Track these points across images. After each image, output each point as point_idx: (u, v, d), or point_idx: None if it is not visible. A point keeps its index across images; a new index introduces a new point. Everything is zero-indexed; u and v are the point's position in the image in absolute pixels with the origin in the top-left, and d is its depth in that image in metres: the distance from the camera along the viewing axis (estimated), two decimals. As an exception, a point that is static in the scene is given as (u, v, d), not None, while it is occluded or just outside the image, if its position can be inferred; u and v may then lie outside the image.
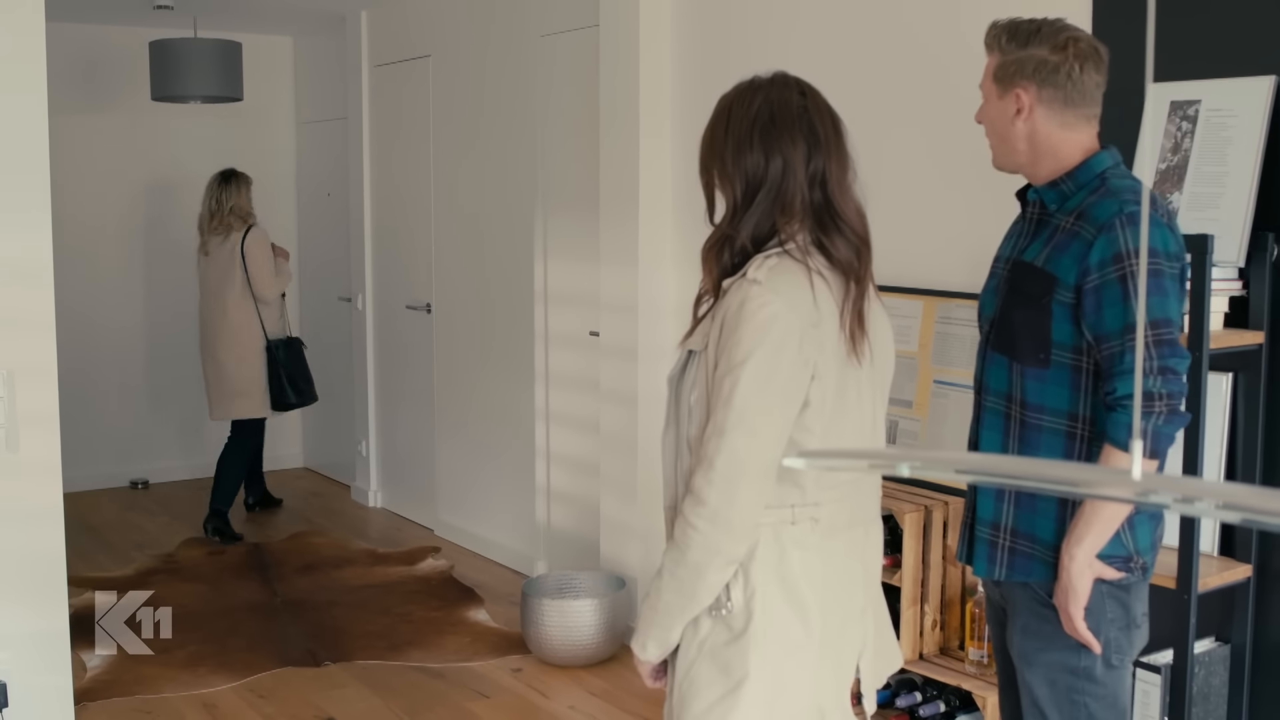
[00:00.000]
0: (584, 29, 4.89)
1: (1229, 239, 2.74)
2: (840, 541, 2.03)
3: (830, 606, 2.01)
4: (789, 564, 1.97)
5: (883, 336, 2.08)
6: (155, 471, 7.25)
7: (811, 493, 1.98)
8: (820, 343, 1.93)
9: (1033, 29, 2.24)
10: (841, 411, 1.98)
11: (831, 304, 1.96)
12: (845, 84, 3.82)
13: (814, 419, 1.94)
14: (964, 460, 1.29)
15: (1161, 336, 2.10)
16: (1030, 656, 2.28)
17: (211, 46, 5.92)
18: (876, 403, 2.08)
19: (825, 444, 1.95)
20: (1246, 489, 0.98)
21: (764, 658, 1.97)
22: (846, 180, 2.02)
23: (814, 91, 2.06)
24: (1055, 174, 2.26)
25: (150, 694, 4.20)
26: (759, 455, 1.90)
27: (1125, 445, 2.10)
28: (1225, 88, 2.83)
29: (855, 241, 2.00)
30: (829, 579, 2.01)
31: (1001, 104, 2.27)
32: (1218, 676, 2.82)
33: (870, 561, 2.13)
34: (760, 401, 1.89)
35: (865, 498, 2.10)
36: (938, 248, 3.56)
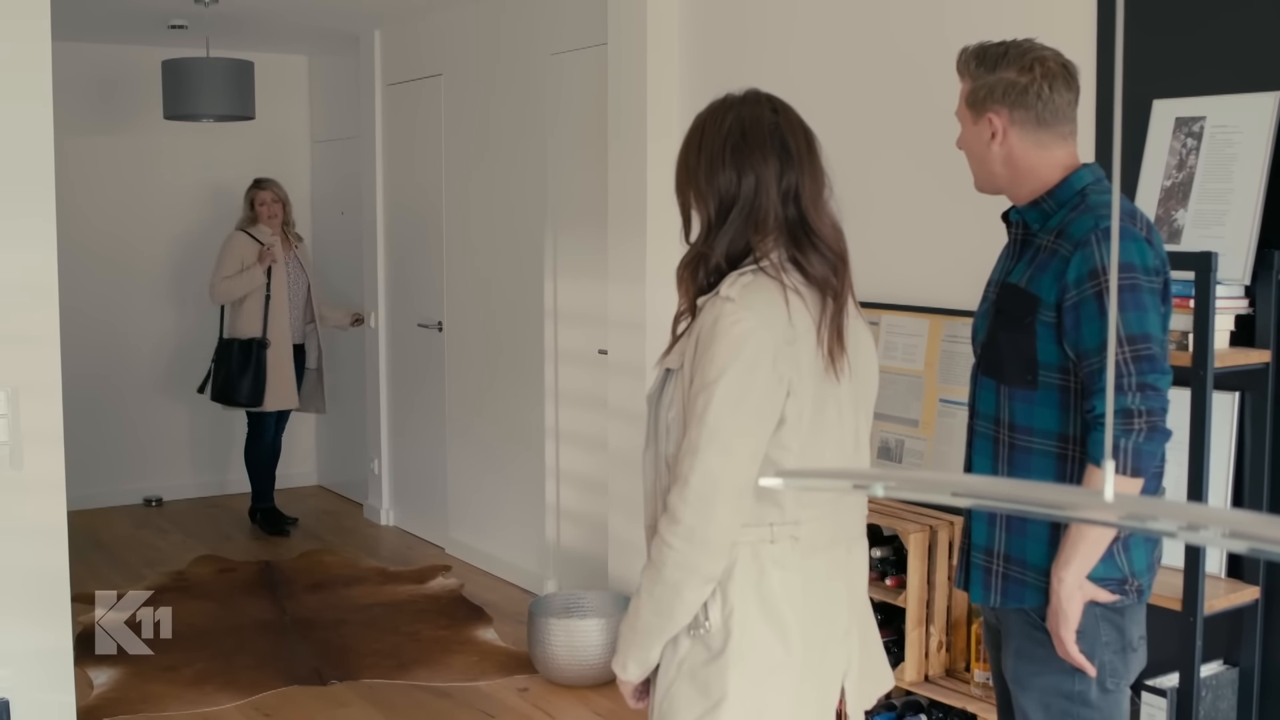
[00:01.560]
0: (593, 47, 4.89)
1: (1234, 256, 2.71)
2: (822, 560, 2.01)
3: (812, 626, 1.99)
4: (768, 583, 1.95)
5: (864, 353, 2.06)
6: (169, 489, 7.26)
7: (791, 511, 1.96)
8: (795, 360, 1.91)
9: (1000, 52, 2.23)
10: (820, 428, 1.96)
11: (808, 320, 1.94)
12: (850, 102, 3.81)
13: (791, 436, 1.93)
14: (940, 481, 1.26)
15: (1140, 352, 2.07)
16: (1024, 680, 2.25)
17: (224, 66, 5.95)
18: (859, 420, 2.06)
19: (803, 461, 1.93)
20: (1222, 512, 0.96)
21: (743, 677, 1.94)
22: (821, 196, 2.00)
23: (786, 108, 2.04)
24: (1036, 193, 2.24)
25: (156, 712, 4.20)
26: (733, 473, 1.89)
27: (1100, 463, 2.07)
28: (1230, 104, 2.80)
29: (831, 257, 1.98)
30: (810, 598, 1.99)
31: (976, 129, 2.26)
32: (1225, 700, 2.77)
33: (854, 580, 2.10)
34: (734, 419, 1.88)
35: (847, 516, 2.07)
36: (944, 266, 3.53)
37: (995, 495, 1.12)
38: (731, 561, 1.94)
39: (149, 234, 7.17)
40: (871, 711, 3.40)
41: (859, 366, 2.03)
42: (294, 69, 7.51)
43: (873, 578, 3.35)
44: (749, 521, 1.94)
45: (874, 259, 3.76)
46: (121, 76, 6.97)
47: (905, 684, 3.26)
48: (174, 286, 7.25)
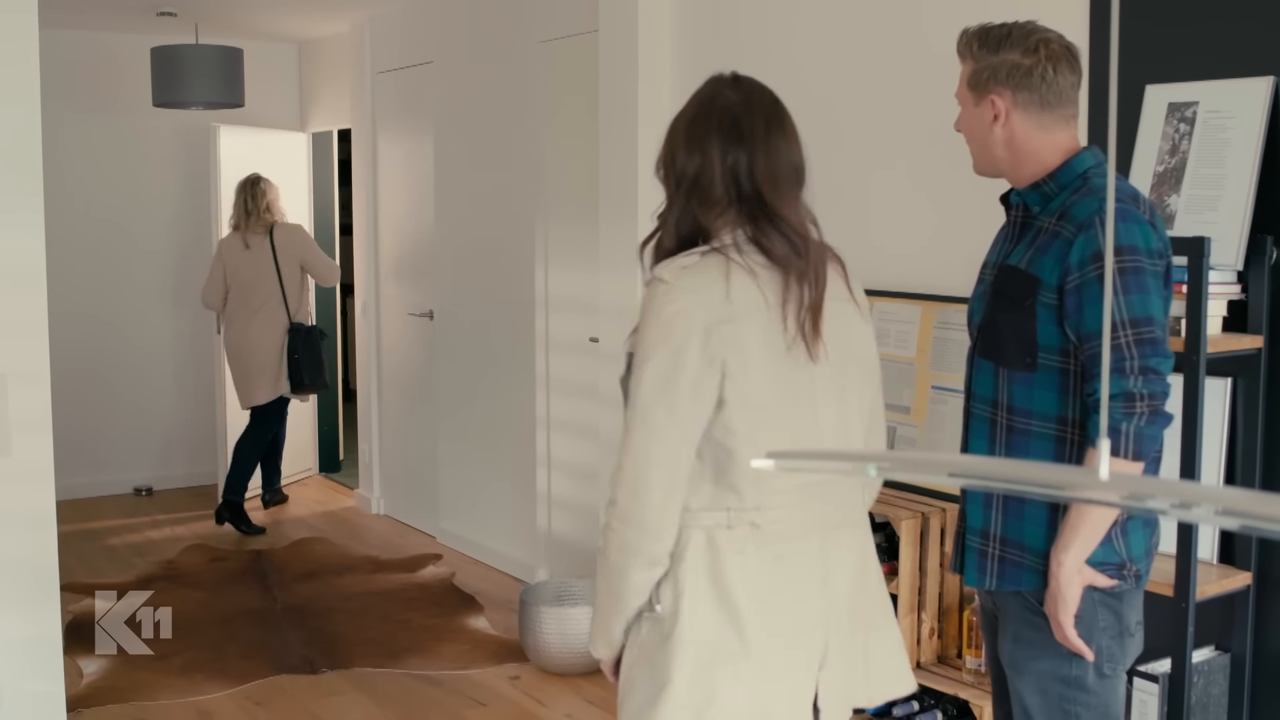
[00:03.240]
0: (584, 34, 4.87)
1: (1227, 242, 2.70)
2: (788, 549, 1.95)
3: (774, 617, 1.94)
4: (723, 569, 1.92)
5: (851, 337, 2.01)
6: (159, 478, 7.24)
7: (750, 497, 1.91)
8: (735, 340, 1.87)
9: (1003, 34, 2.21)
10: (781, 411, 1.92)
11: (757, 300, 1.90)
12: (844, 89, 3.80)
13: (735, 418, 1.89)
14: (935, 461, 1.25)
15: (1143, 335, 2.06)
16: (1021, 665, 2.25)
17: (212, 53, 5.92)
18: (845, 406, 2.00)
19: (757, 445, 1.89)
20: (1214, 489, 0.96)
21: (689, 662, 1.92)
22: (779, 176, 1.95)
23: (754, 90, 2.01)
24: (1037, 176, 2.23)
25: (146, 700, 4.18)
26: (662, 453, 1.87)
27: (1109, 446, 2.06)
28: (1223, 89, 2.79)
29: (794, 238, 1.94)
30: (772, 588, 1.94)
31: (978, 111, 2.25)
32: (1217, 686, 2.77)
33: (835, 573, 2.00)
34: (662, 400, 1.87)
35: (827, 505, 2.00)
36: (935, 252, 3.53)
37: (991, 475, 1.11)
38: (684, 544, 1.93)
39: (139, 221, 7.14)
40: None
41: (845, 350, 1.99)
42: (284, 56, 7.48)
43: (865, 564, 3.35)
44: (705, 505, 1.92)
45: (866, 245, 3.75)
46: (110, 64, 6.93)
47: (897, 671, 3.26)
48: (164, 274, 7.22)
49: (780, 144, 1.97)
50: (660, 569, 1.93)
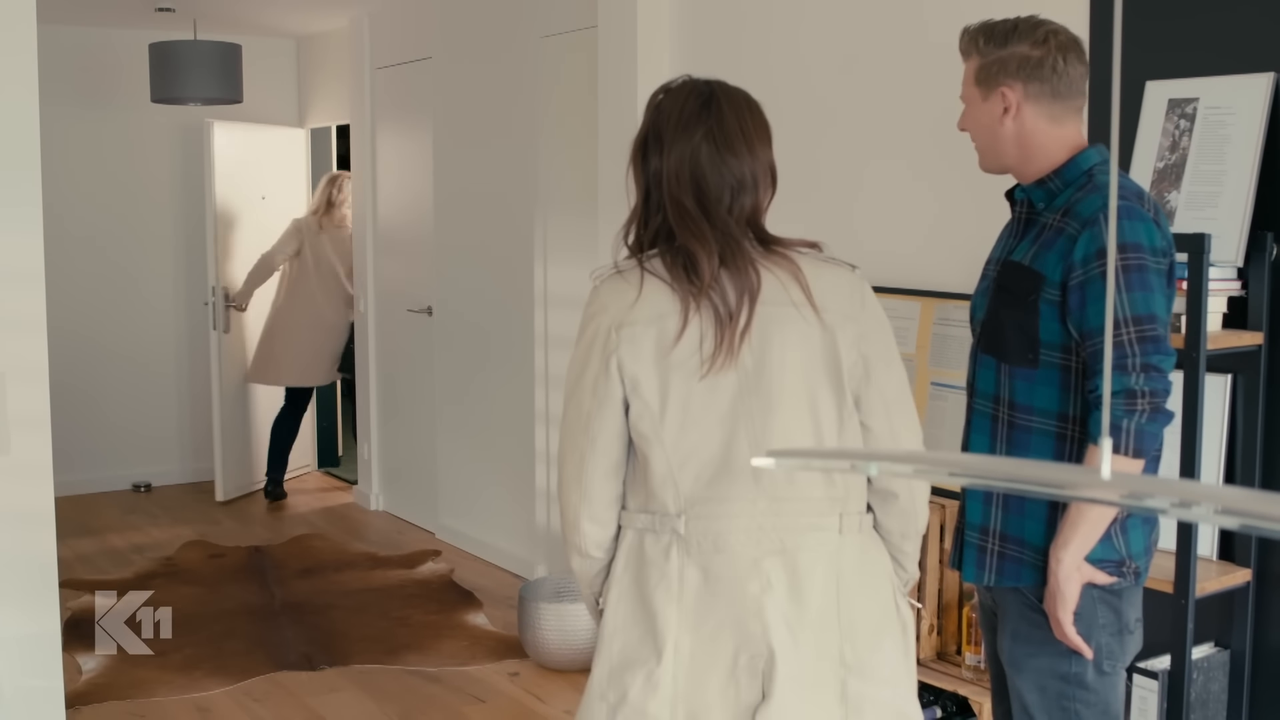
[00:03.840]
0: (583, 30, 4.87)
1: (1227, 238, 2.70)
2: (720, 565, 1.89)
3: (697, 633, 1.89)
4: (646, 574, 1.92)
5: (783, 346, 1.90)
6: (157, 475, 7.23)
7: (672, 504, 1.90)
8: (632, 344, 1.88)
9: (1009, 27, 2.21)
10: (692, 420, 1.88)
11: (668, 310, 1.88)
12: (844, 83, 3.79)
13: (644, 424, 1.89)
14: (936, 459, 1.25)
15: (1145, 333, 2.06)
16: (1020, 662, 2.24)
17: (211, 49, 5.91)
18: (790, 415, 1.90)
19: (667, 452, 1.89)
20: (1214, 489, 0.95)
21: (607, 660, 1.95)
22: (701, 186, 1.90)
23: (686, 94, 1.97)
24: (1043, 172, 2.23)
25: (145, 697, 4.18)
26: (571, 450, 1.95)
27: (1111, 444, 2.06)
28: (1224, 85, 2.79)
29: (709, 237, 1.88)
30: (695, 602, 1.89)
31: (987, 106, 2.23)
32: (1217, 683, 2.77)
33: (781, 598, 1.88)
34: (573, 396, 1.95)
35: (776, 522, 1.90)
36: (935, 248, 3.52)
37: (991, 474, 1.11)
38: (621, 542, 1.98)
39: (137, 217, 7.12)
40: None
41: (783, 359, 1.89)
42: (282, 52, 7.47)
43: (864, 561, 3.35)
44: (639, 507, 1.95)
45: (865, 242, 3.75)
46: (108, 60, 6.92)
47: (896, 667, 3.25)
48: (162, 270, 7.21)
49: (703, 150, 1.91)
50: (592, 561, 1.99)
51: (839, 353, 1.91)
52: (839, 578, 1.92)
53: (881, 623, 1.96)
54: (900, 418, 1.98)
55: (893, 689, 1.96)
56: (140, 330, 7.18)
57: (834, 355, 1.91)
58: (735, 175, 1.91)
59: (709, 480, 1.88)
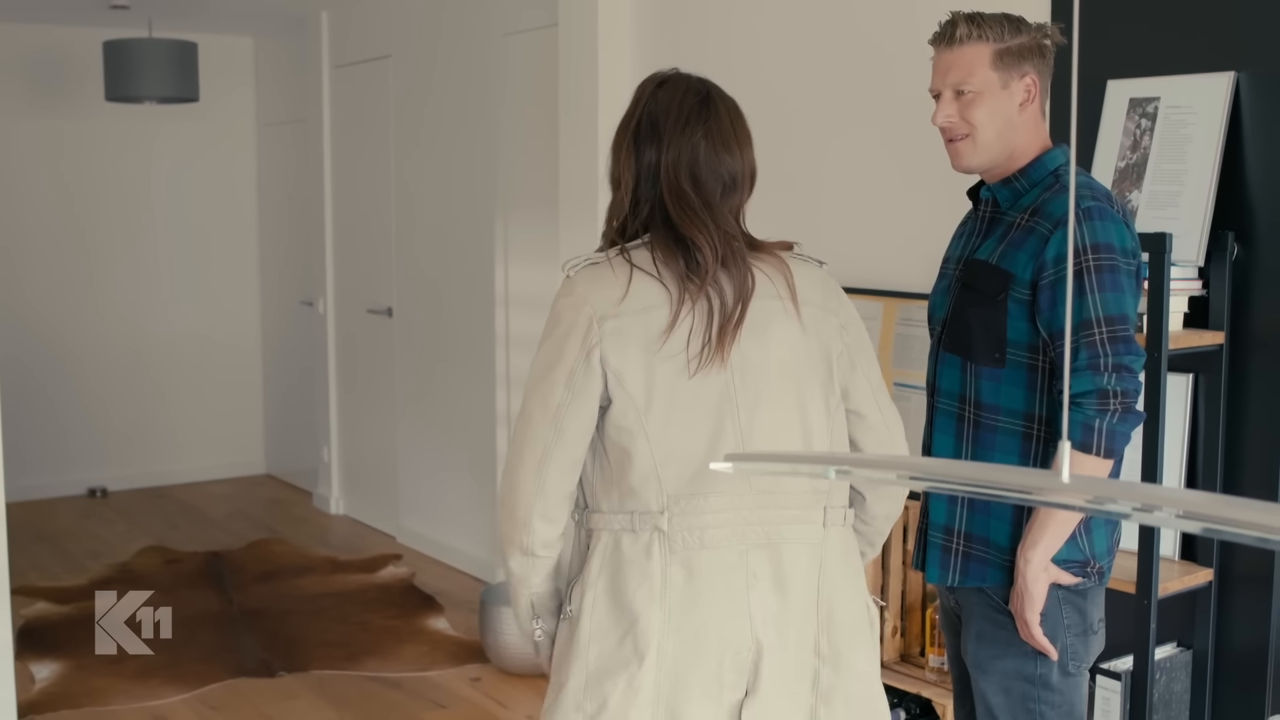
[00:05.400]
0: (544, 28, 4.83)
1: (1188, 238, 2.70)
2: (705, 561, 1.86)
3: (681, 633, 1.86)
4: (625, 577, 1.86)
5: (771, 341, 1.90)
6: (114, 479, 7.13)
7: (654, 500, 1.85)
8: (618, 337, 1.83)
9: (1011, 16, 2.18)
10: (679, 416, 1.85)
11: (657, 303, 1.85)
12: (804, 82, 3.77)
13: (628, 419, 1.84)
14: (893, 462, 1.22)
15: (1116, 333, 2.05)
16: (985, 664, 2.23)
17: (166, 47, 5.83)
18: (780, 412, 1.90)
19: (654, 447, 1.85)
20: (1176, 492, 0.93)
21: (583, 668, 1.87)
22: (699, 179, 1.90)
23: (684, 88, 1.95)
24: (1009, 171, 2.20)
25: (100, 706, 4.11)
26: (532, 443, 1.86)
27: (1077, 444, 2.04)
28: (1184, 84, 2.78)
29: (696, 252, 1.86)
30: (680, 601, 1.85)
31: (1006, 94, 2.17)
32: (1179, 683, 2.77)
33: (768, 592, 1.88)
34: (539, 389, 1.87)
35: (762, 516, 1.88)
36: (897, 248, 3.51)
37: (954, 478, 1.09)
38: (593, 546, 1.90)
39: (89, 217, 7.02)
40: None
41: (767, 357, 1.89)
42: (239, 50, 7.38)
43: (827, 563, 3.33)
44: (614, 508, 1.88)
45: (827, 241, 3.73)
46: (61, 58, 6.81)
47: (860, 670, 3.24)
48: (116, 271, 7.11)
49: (702, 146, 1.91)
50: (537, 561, 1.91)
51: (827, 345, 1.92)
52: (821, 570, 1.92)
53: (858, 617, 1.96)
54: (886, 403, 2.00)
55: (865, 683, 1.96)
56: (94, 332, 7.08)
57: (823, 348, 1.92)
58: (729, 174, 1.91)
59: (693, 476, 1.85)
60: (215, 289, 7.38)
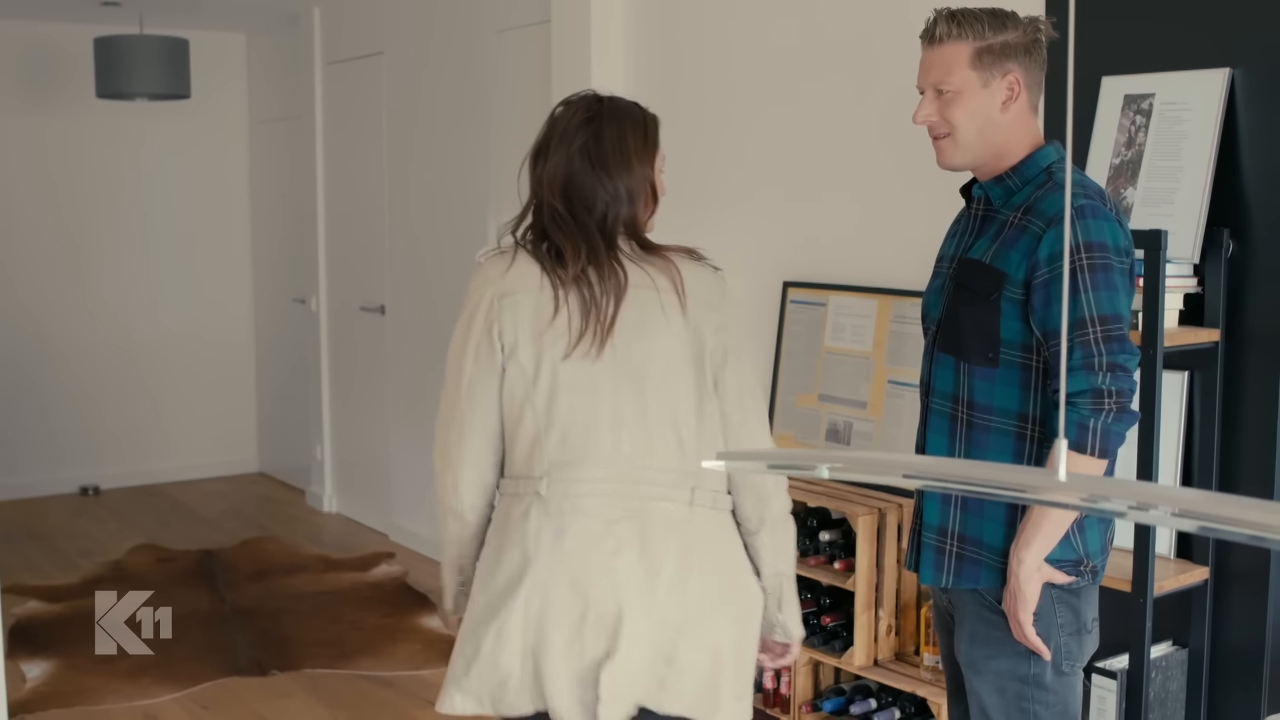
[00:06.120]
0: (536, 25, 4.81)
1: (1184, 235, 2.69)
2: (577, 526, 2.02)
3: (548, 591, 2.01)
4: (506, 537, 2.05)
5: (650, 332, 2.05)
6: (106, 476, 7.11)
7: (538, 467, 2.04)
8: (511, 312, 2.04)
9: (997, 11, 2.16)
10: (562, 391, 2.03)
11: (534, 285, 2.05)
12: (798, 82, 3.76)
13: (518, 389, 2.04)
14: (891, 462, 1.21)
15: (1111, 332, 2.03)
16: (978, 664, 2.21)
17: (158, 43, 5.81)
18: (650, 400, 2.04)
19: (538, 416, 2.03)
20: (1173, 491, 0.92)
21: (470, 617, 2.09)
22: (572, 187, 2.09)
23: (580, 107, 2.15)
24: (1001, 169, 2.18)
25: (91, 705, 4.09)
26: (449, 412, 2.09)
27: (1072, 444, 2.03)
28: (1179, 80, 2.77)
29: (577, 237, 2.05)
30: (551, 562, 2.01)
31: (987, 93, 2.14)
32: (1175, 681, 2.76)
33: (635, 561, 2.01)
34: (455, 361, 2.09)
35: (637, 489, 2.03)
36: (891, 246, 3.49)
37: (949, 476, 1.07)
38: (496, 507, 2.11)
39: (80, 214, 6.99)
40: (819, 697, 3.37)
41: (646, 352, 2.04)
42: (231, 47, 7.36)
43: (821, 561, 3.32)
44: (509, 473, 2.09)
45: (821, 239, 3.72)
46: (52, 55, 6.78)
47: (854, 668, 3.22)
48: (107, 267, 7.08)
49: (576, 162, 2.09)
50: (465, 526, 2.13)
51: (703, 338, 2.06)
52: (687, 548, 2.04)
53: (720, 600, 2.07)
54: (751, 403, 2.13)
55: (716, 661, 2.06)
56: (86, 329, 7.05)
57: (698, 341, 2.06)
58: (608, 188, 2.07)
59: (574, 446, 2.02)
60: (207, 286, 7.36)
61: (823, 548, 3.32)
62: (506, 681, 2.03)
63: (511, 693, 2.03)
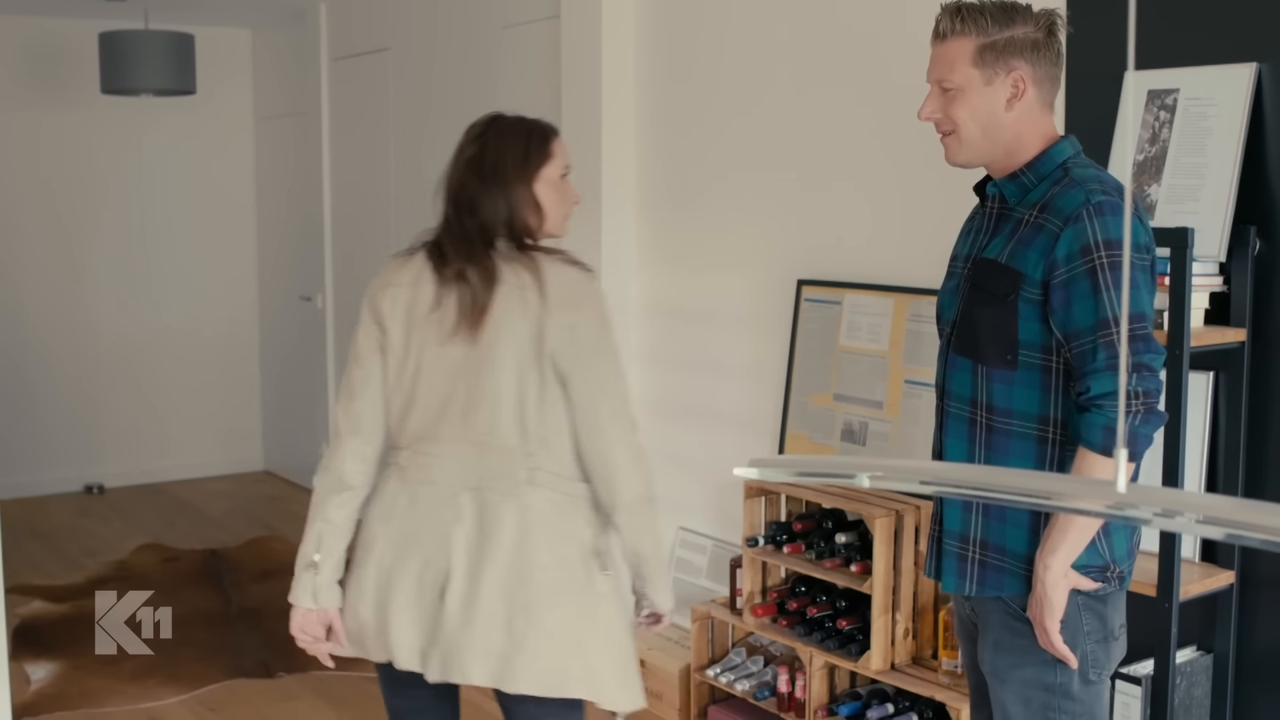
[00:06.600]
0: (545, 20, 4.76)
1: (1209, 232, 2.64)
2: (424, 494, 2.27)
3: (392, 551, 2.28)
4: (374, 500, 2.34)
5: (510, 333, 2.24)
6: (111, 475, 7.07)
7: (399, 440, 2.32)
8: (393, 303, 2.31)
9: (1006, 5, 2.10)
10: (423, 373, 2.29)
11: (428, 284, 2.30)
12: (812, 77, 3.71)
13: (392, 369, 2.31)
14: (931, 471, 1.16)
15: (1135, 332, 1.97)
16: (1003, 674, 2.16)
17: (163, 38, 5.76)
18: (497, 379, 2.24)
19: (401, 393, 2.31)
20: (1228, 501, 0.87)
21: (347, 586, 2.35)
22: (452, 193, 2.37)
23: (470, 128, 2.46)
24: (1016, 165, 2.13)
25: (95, 708, 4.05)
26: (345, 390, 2.36)
27: (1099, 447, 1.97)
28: (1204, 76, 2.72)
29: (459, 240, 2.31)
30: (399, 527, 2.28)
31: (990, 90, 2.08)
32: (1200, 687, 2.71)
33: (467, 534, 2.23)
34: (351, 345, 2.38)
35: (479, 468, 2.25)
36: (908, 243, 3.44)
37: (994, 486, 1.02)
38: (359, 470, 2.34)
39: (85, 210, 6.95)
40: (835, 702, 3.32)
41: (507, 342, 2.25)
42: (237, 42, 7.31)
43: (837, 564, 3.27)
44: (390, 444, 2.35)
45: (835, 237, 3.67)
46: (57, 50, 6.74)
47: (871, 672, 3.18)
48: (112, 264, 7.04)
49: (461, 173, 2.38)
50: (346, 491, 2.32)
51: (547, 332, 2.23)
52: (526, 524, 2.23)
53: (561, 582, 2.24)
54: (604, 402, 2.26)
55: (557, 644, 2.23)
56: (91, 327, 7.01)
57: (542, 334, 2.23)
58: (489, 198, 2.31)
59: (430, 422, 2.28)
60: (212, 284, 7.32)
61: (838, 550, 3.28)
62: (364, 630, 2.32)
63: (369, 641, 2.32)
